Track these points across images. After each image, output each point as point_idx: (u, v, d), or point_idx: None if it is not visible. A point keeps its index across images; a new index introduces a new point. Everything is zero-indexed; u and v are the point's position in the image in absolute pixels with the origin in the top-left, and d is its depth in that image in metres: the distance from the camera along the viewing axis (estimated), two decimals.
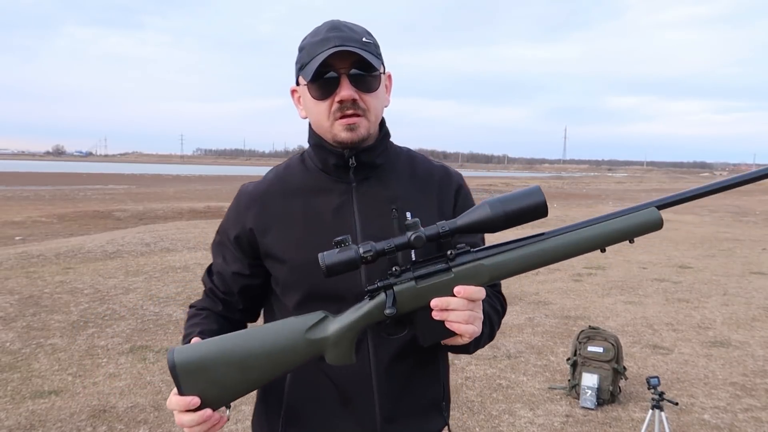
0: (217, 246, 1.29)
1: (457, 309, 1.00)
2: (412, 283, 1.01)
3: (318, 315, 1.04)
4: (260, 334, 1.04)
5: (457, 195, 1.29)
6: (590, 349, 3.93)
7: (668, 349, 4.97)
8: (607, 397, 3.82)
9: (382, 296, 1.02)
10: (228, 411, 1.05)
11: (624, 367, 3.92)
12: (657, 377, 2.93)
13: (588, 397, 3.78)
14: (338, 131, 1.15)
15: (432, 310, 1.00)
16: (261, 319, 1.32)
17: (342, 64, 1.13)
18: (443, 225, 1.03)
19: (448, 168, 1.33)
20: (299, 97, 1.23)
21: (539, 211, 1.05)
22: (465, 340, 1.04)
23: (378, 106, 1.20)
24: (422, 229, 1.01)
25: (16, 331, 5.04)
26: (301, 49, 1.19)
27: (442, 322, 1.01)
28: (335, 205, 1.19)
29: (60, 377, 4.10)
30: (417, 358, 1.20)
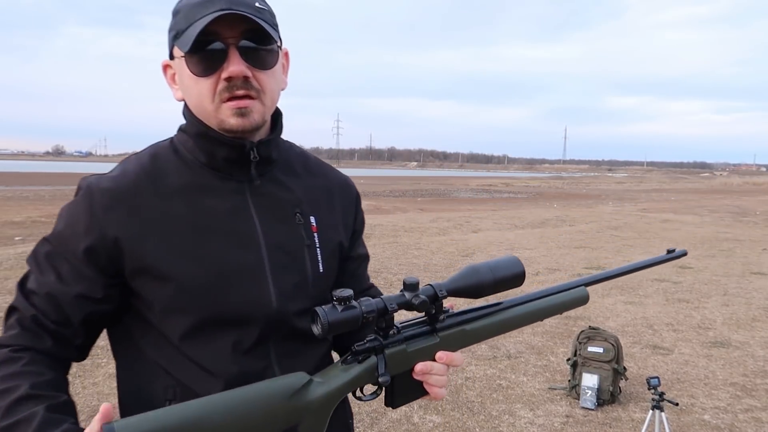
0: (46, 259, 0.95)
1: (437, 374, 0.96)
2: (403, 347, 0.93)
3: (301, 377, 0.86)
4: (230, 402, 0.81)
5: (357, 209, 1.17)
6: (590, 349, 3.93)
7: (668, 349, 4.96)
8: (607, 397, 3.81)
9: (373, 360, 0.90)
10: None
11: (624, 368, 3.91)
12: (657, 377, 2.93)
13: (588, 398, 3.77)
14: (225, 116, 0.94)
15: (410, 374, 0.95)
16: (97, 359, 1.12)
17: (231, 33, 0.92)
18: (440, 287, 0.97)
19: (345, 175, 1.18)
20: (174, 74, 1.00)
21: (520, 280, 1.04)
22: (432, 400, 1.01)
23: (275, 88, 0.99)
24: (421, 290, 0.94)
25: None
26: (175, 13, 0.96)
27: (419, 386, 0.96)
28: (228, 207, 0.98)
29: None
30: None
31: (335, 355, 1.12)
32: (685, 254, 1.26)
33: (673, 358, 4.74)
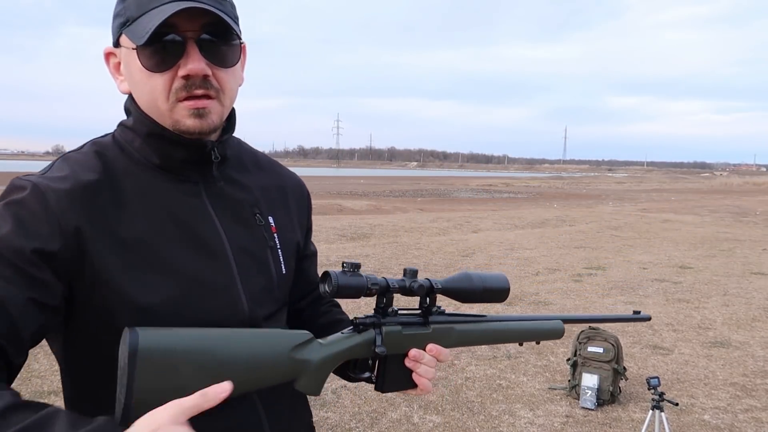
0: None
1: (427, 364, 0.97)
2: (399, 327, 0.97)
3: (305, 334, 0.89)
4: (244, 337, 0.83)
5: (309, 207, 1.15)
6: (590, 349, 3.93)
7: (668, 349, 4.96)
8: (607, 397, 3.81)
9: (371, 333, 0.94)
10: None
11: (624, 368, 3.91)
12: (657, 378, 2.92)
13: (588, 398, 3.77)
14: (181, 116, 0.86)
15: (401, 360, 0.97)
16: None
17: (189, 26, 0.84)
18: (436, 282, 1.01)
19: (297, 175, 1.14)
20: (118, 62, 0.91)
21: (505, 294, 1.06)
22: (419, 394, 1.02)
23: (234, 87, 0.92)
24: (419, 279, 0.99)
25: None
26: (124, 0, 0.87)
27: (408, 374, 0.98)
28: (187, 212, 0.90)
29: (59, 378, 4.09)
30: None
31: None
32: (648, 319, 1.34)
33: (673, 358, 4.74)
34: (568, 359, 4.06)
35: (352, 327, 0.94)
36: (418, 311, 1.01)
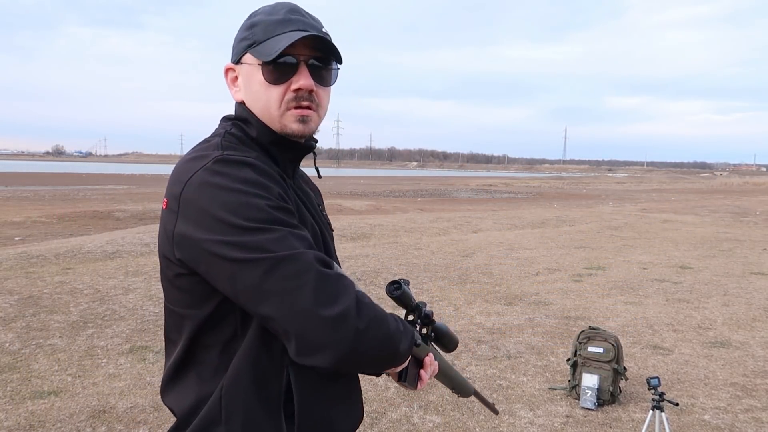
0: (291, 234, 1.00)
1: (429, 370, 1.21)
2: (422, 339, 1.20)
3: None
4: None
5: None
6: (590, 349, 3.93)
7: (668, 349, 4.96)
8: (607, 397, 3.81)
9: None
10: None
11: (624, 368, 3.91)
12: (657, 378, 2.92)
13: (588, 398, 3.77)
14: (289, 121, 1.09)
15: (416, 363, 1.19)
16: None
17: (303, 51, 1.07)
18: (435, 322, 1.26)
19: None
20: (236, 76, 1.14)
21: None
22: (411, 390, 1.21)
23: (327, 105, 1.15)
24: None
25: (16, 331, 5.03)
26: (251, 26, 1.10)
27: (415, 374, 1.18)
28: (295, 201, 1.12)
29: (59, 378, 4.09)
30: None
31: None
32: (497, 413, 1.64)
33: (673, 358, 4.73)
34: (568, 359, 4.06)
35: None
36: (425, 333, 1.25)
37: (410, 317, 1.20)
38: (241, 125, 1.12)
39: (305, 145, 1.16)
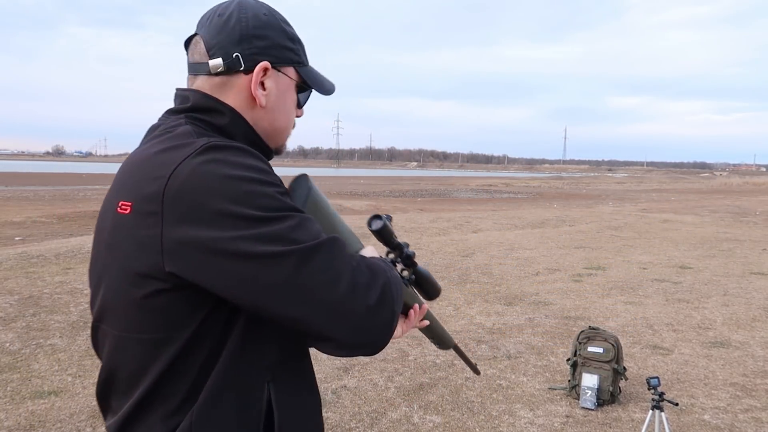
0: (308, 220, 0.94)
1: (418, 318, 1.20)
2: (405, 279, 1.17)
3: None
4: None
5: None
6: (590, 349, 3.93)
7: (668, 349, 4.96)
8: (607, 397, 3.81)
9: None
10: None
11: (624, 368, 3.91)
12: (657, 378, 2.92)
13: (588, 398, 3.77)
14: (286, 141, 1.15)
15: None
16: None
17: None
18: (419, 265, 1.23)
19: None
20: (264, 81, 1.06)
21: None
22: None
23: None
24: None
25: (16, 331, 5.03)
26: (295, 40, 1.10)
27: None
28: None
29: (60, 378, 4.10)
30: None
31: None
32: (478, 373, 1.66)
33: (673, 358, 4.73)
34: (568, 359, 4.06)
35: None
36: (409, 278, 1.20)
37: (390, 256, 1.16)
38: (201, 117, 1.03)
39: (273, 154, 1.17)
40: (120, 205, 0.94)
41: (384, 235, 1.11)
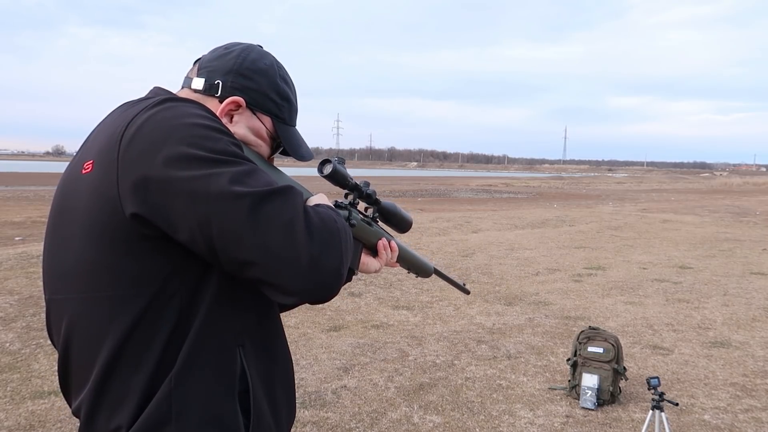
0: (260, 170, 0.96)
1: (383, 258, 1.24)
2: (364, 219, 1.21)
3: None
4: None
5: None
6: (590, 349, 3.93)
7: (668, 349, 4.96)
8: (607, 397, 3.81)
9: (346, 212, 1.13)
10: None
11: (624, 368, 3.91)
12: (657, 378, 2.93)
13: (588, 398, 3.77)
14: None
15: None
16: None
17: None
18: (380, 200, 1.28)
19: None
20: (237, 116, 1.10)
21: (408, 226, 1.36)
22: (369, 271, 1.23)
23: None
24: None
25: (16, 331, 5.03)
26: (287, 99, 1.15)
27: (359, 259, 1.19)
28: None
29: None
30: None
31: None
32: (467, 293, 1.67)
33: (673, 358, 4.73)
34: (568, 359, 4.06)
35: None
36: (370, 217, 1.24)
37: (349, 198, 1.17)
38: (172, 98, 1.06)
39: None
40: (84, 166, 0.97)
41: (337, 178, 1.11)
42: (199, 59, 1.15)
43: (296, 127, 1.20)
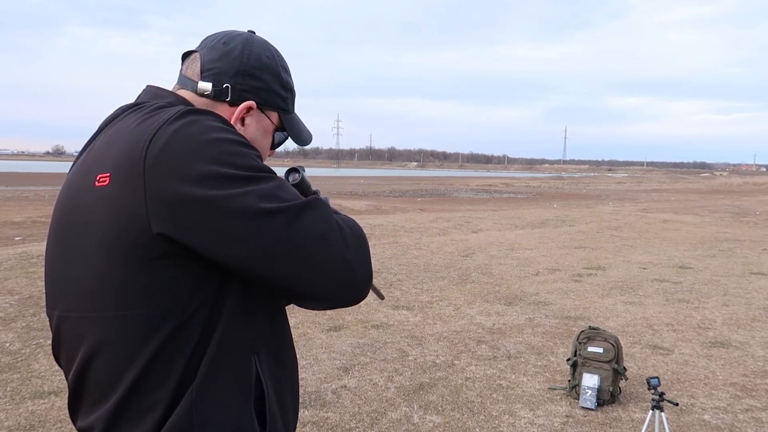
0: (286, 182, 1.01)
1: None
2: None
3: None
4: None
5: None
6: (590, 349, 3.93)
7: (668, 349, 4.96)
8: (607, 397, 3.81)
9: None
10: None
11: (624, 368, 3.91)
12: (657, 378, 2.92)
13: (588, 398, 3.77)
14: None
15: None
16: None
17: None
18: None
19: None
20: (248, 118, 1.09)
21: None
22: None
23: None
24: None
25: (16, 331, 5.03)
26: (289, 90, 1.15)
27: None
28: None
29: (60, 378, 4.09)
30: None
31: None
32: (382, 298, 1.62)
33: (673, 358, 4.73)
34: (568, 359, 4.06)
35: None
36: None
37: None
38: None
39: None
40: (98, 178, 0.93)
41: (302, 188, 1.12)
42: (189, 53, 1.10)
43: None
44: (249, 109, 1.07)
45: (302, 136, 1.20)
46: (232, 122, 1.04)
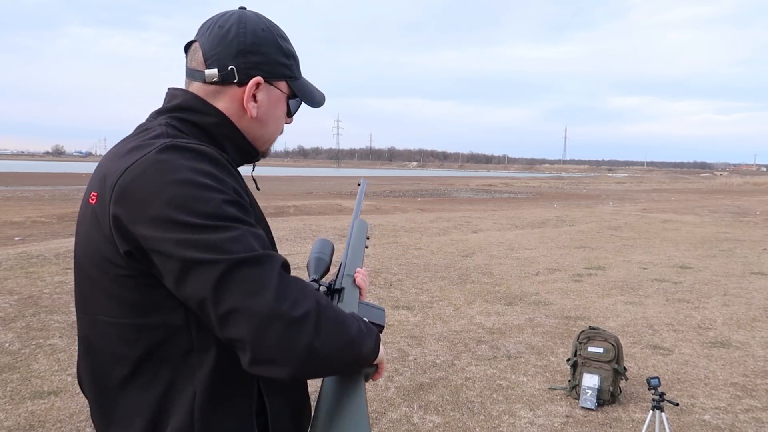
0: (250, 233, 0.94)
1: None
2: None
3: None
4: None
5: None
6: (590, 349, 3.93)
7: (669, 349, 4.96)
8: (607, 397, 3.81)
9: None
10: None
11: (624, 368, 3.91)
12: (657, 378, 2.92)
13: (588, 398, 3.77)
14: (270, 146, 1.22)
15: None
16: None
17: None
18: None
19: None
20: (259, 94, 1.12)
21: None
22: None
23: None
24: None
25: (16, 331, 5.03)
26: (289, 55, 1.15)
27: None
28: (250, 196, 1.14)
29: (59, 378, 4.09)
30: None
31: None
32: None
33: (674, 358, 4.73)
34: (568, 359, 4.06)
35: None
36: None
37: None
38: (184, 116, 1.08)
39: (258, 158, 1.24)
40: (91, 195, 1.01)
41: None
42: (190, 44, 1.12)
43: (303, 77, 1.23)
44: (258, 84, 1.11)
45: (314, 98, 1.22)
46: (244, 102, 1.10)
